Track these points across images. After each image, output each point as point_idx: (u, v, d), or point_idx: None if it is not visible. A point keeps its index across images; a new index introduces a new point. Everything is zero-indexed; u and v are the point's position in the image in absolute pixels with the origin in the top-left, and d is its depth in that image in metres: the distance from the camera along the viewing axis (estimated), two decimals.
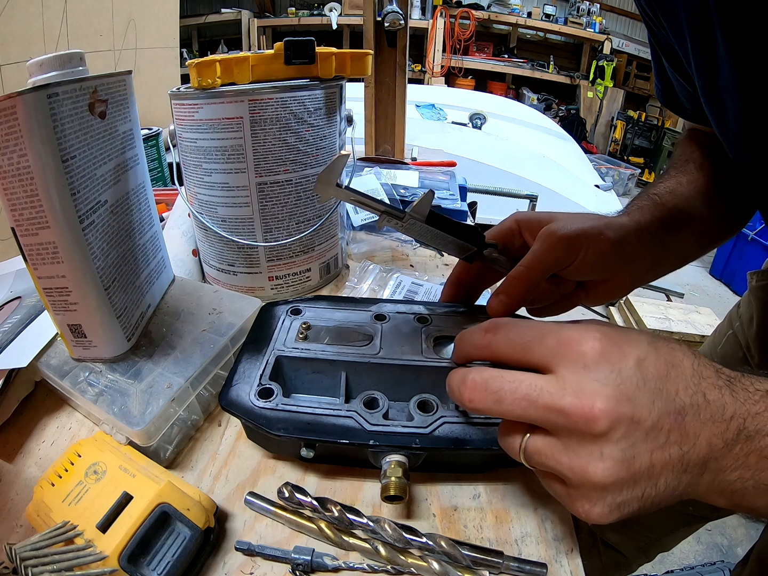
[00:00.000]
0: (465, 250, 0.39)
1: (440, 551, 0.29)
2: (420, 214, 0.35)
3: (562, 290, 0.39)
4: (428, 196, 0.34)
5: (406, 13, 0.79)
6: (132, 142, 0.41)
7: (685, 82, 0.43)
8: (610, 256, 0.36)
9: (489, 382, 0.25)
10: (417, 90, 2.74)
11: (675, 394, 0.23)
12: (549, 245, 0.35)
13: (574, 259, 0.35)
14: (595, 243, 0.35)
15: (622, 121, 4.50)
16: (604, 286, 0.39)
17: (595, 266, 0.36)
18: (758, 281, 0.58)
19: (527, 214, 0.39)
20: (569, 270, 0.36)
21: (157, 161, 0.86)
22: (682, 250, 0.42)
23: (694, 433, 0.22)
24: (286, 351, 0.38)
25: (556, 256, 0.35)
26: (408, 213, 0.34)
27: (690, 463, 0.23)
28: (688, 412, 0.22)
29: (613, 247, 0.36)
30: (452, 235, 0.37)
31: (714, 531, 1.28)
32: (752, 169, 0.36)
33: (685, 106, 0.46)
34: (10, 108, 0.28)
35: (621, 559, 0.80)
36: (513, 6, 4.57)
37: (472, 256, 0.39)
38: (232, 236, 0.51)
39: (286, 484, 0.32)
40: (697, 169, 0.45)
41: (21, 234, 0.32)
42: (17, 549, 0.26)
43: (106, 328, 0.37)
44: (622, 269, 0.38)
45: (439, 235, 0.37)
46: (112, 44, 0.92)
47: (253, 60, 0.46)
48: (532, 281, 0.35)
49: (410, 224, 0.35)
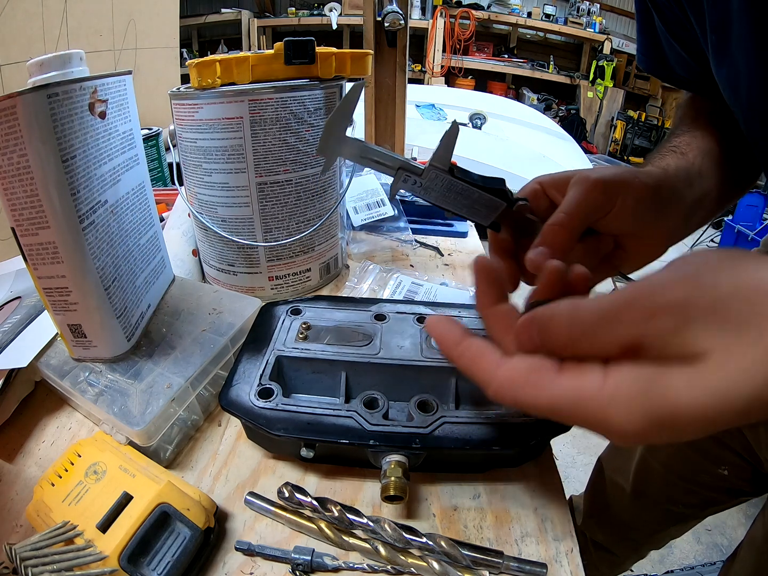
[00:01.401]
0: (494, 208, 0.33)
1: (440, 551, 0.29)
2: (443, 162, 0.30)
3: (602, 249, 0.36)
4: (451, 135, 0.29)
5: (406, 13, 0.79)
6: (132, 142, 0.41)
7: (679, 46, 0.42)
8: (648, 202, 0.33)
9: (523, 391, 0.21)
10: (417, 90, 2.74)
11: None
12: (586, 189, 0.32)
13: (613, 206, 0.32)
14: (632, 188, 0.33)
15: (622, 121, 4.50)
16: (642, 241, 0.36)
17: (634, 213, 0.33)
18: None
19: (550, 175, 0.36)
20: (608, 219, 0.33)
21: (157, 161, 0.86)
22: (708, 202, 0.40)
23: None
24: (286, 351, 0.38)
25: (596, 199, 0.32)
26: (430, 163, 0.30)
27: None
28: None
29: (650, 191, 0.33)
30: (479, 189, 0.32)
31: (714, 531, 1.28)
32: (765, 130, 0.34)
33: (676, 71, 0.45)
34: (10, 108, 0.28)
35: (613, 559, 0.80)
36: (513, 6, 4.56)
37: (499, 220, 0.34)
38: (232, 236, 0.51)
39: (286, 484, 0.32)
40: (707, 126, 0.43)
41: (21, 234, 0.32)
42: (17, 549, 0.26)
43: (106, 328, 0.37)
44: (659, 220, 0.35)
45: (464, 191, 0.32)
46: (112, 44, 0.93)
47: (253, 60, 0.46)
48: (574, 228, 0.32)
49: (431, 180, 0.31)
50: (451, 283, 0.58)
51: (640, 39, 0.47)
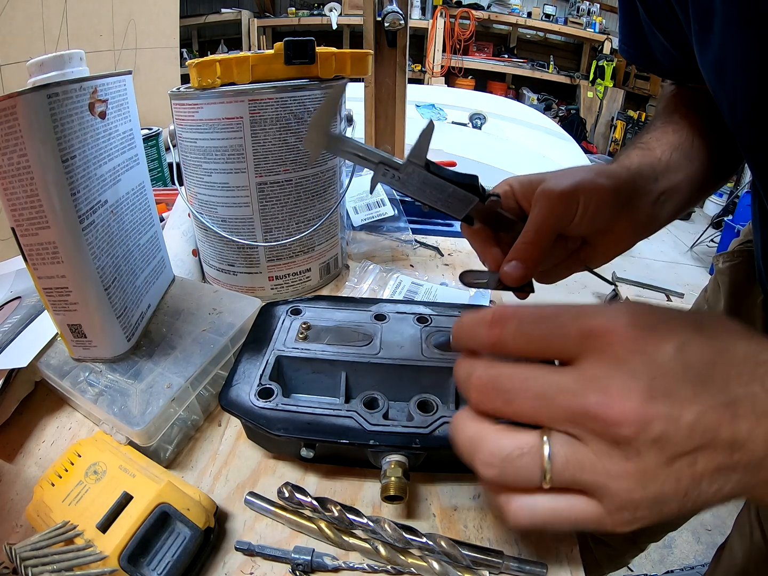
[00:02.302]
0: (467, 202, 0.36)
1: (440, 551, 0.29)
2: (419, 158, 0.33)
3: (569, 247, 0.38)
4: (426, 133, 0.32)
5: (406, 13, 0.79)
6: (132, 142, 0.41)
7: (663, 36, 0.43)
8: (608, 203, 0.35)
9: (497, 381, 0.23)
10: (417, 90, 2.74)
11: (724, 384, 0.20)
12: (549, 205, 0.35)
13: (575, 214, 0.35)
14: (591, 192, 0.35)
15: (622, 121, 4.50)
16: (607, 236, 0.38)
17: (595, 216, 0.35)
18: (724, 262, 0.58)
19: (519, 178, 0.39)
20: (572, 225, 0.35)
21: (157, 161, 0.86)
22: (678, 194, 0.41)
23: (748, 429, 0.19)
24: (286, 351, 0.38)
25: (558, 214, 0.35)
26: (407, 158, 0.33)
27: (741, 463, 0.19)
28: (741, 404, 0.19)
29: (608, 192, 0.35)
30: (453, 184, 0.35)
31: (714, 531, 1.28)
32: (749, 119, 0.35)
33: (660, 61, 0.46)
34: (10, 108, 0.28)
35: (612, 552, 0.80)
36: (513, 6, 4.56)
37: (473, 214, 0.37)
38: (232, 236, 0.51)
39: (286, 484, 0.32)
40: (682, 119, 0.45)
41: (21, 234, 0.32)
42: (17, 549, 0.26)
43: (106, 328, 0.37)
44: (622, 216, 0.37)
45: (439, 186, 0.34)
46: (112, 44, 0.92)
47: (253, 60, 0.46)
48: (543, 244, 0.35)
49: (408, 174, 0.33)
50: (451, 283, 0.58)
51: (623, 30, 0.47)
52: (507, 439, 0.22)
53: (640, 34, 0.45)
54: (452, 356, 0.37)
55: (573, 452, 0.21)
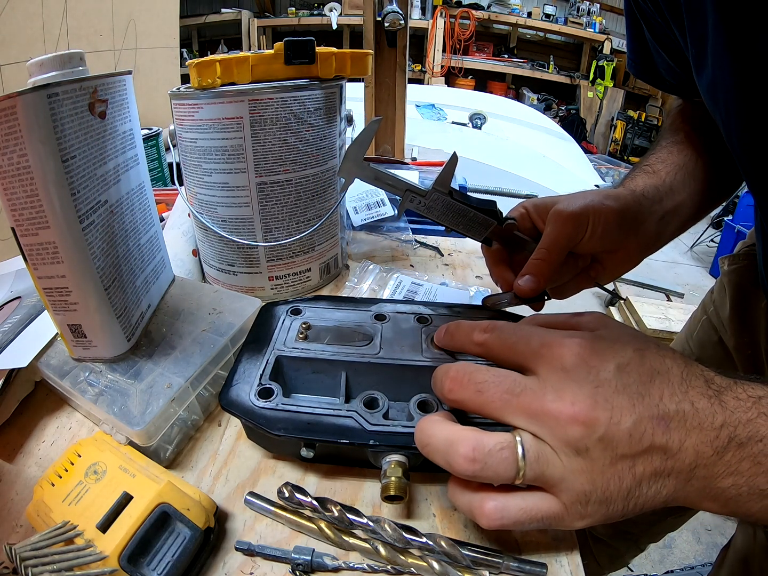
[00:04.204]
0: (486, 225, 0.39)
1: (440, 551, 0.29)
2: (443, 186, 0.35)
3: (579, 265, 0.42)
4: (451, 164, 0.34)
5: (406, 13, 0.79)
6: (132, 142, 0.41)
7: (666, 55, 0.44)
8: (615, 224, 0.39)
9: (473, 374, 0.26)
10: (417, 90, 2.74)
11: (659, 400, 0.23)
12: (560, 225, 0.38)
13: (584, 234, 0.38)
14: (599, 213, 0.38)
15: (622, 121, 4.50)
16: (615, 256, 0.41)
17: (603, 236, 0.38)
18: (730, 265, 0.60)
19: (533, 201, 0.42)
20: (581, 244, 0.39)
21: (157, 161, 0.86)
22: (683, 212, 0.44)
23: (680, 439, 0.22)
24: (286, 351, 0.38)
25: (568, 233, 0.38)
26: (433, 186, 0.35)
27: (674, 469, 0.23)
28: (673, 418, 0.23)
29: (616, 215, 0.38)
30: (474, 209, 0.38)
31: (714, 531, 1.28)
32: (742, 141, 0.36)
33: (665, 77, 0.47)
34: (10, 108, 0.28)
35: (613, 553, 0.81)
36: (513, 6, 4.57)
37: (491, 236, 0.40)
38: (232, 236, 0.51)
39: (286, 484, 0.32)
40: (687, 138, 0.47)
41: (21, 234, 0.32)
42: (17, 549, 0.26)
43: (106, 328, 0.37)
44: (629, 237, 0.40)
45: (461, 211, 0.38)
46: (112, 44, 0.93)
47: (253, 60, 0.46)
48: (554, 260, 0.38)
49: (433, 200, 0.36)
50: (451, 283, 0.58)
51: (631, 45, 0.49)
52: (486, 437, 0.25)
53: (646, 51, 0.46)
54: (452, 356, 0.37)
55: (539, 448, 0.24)
